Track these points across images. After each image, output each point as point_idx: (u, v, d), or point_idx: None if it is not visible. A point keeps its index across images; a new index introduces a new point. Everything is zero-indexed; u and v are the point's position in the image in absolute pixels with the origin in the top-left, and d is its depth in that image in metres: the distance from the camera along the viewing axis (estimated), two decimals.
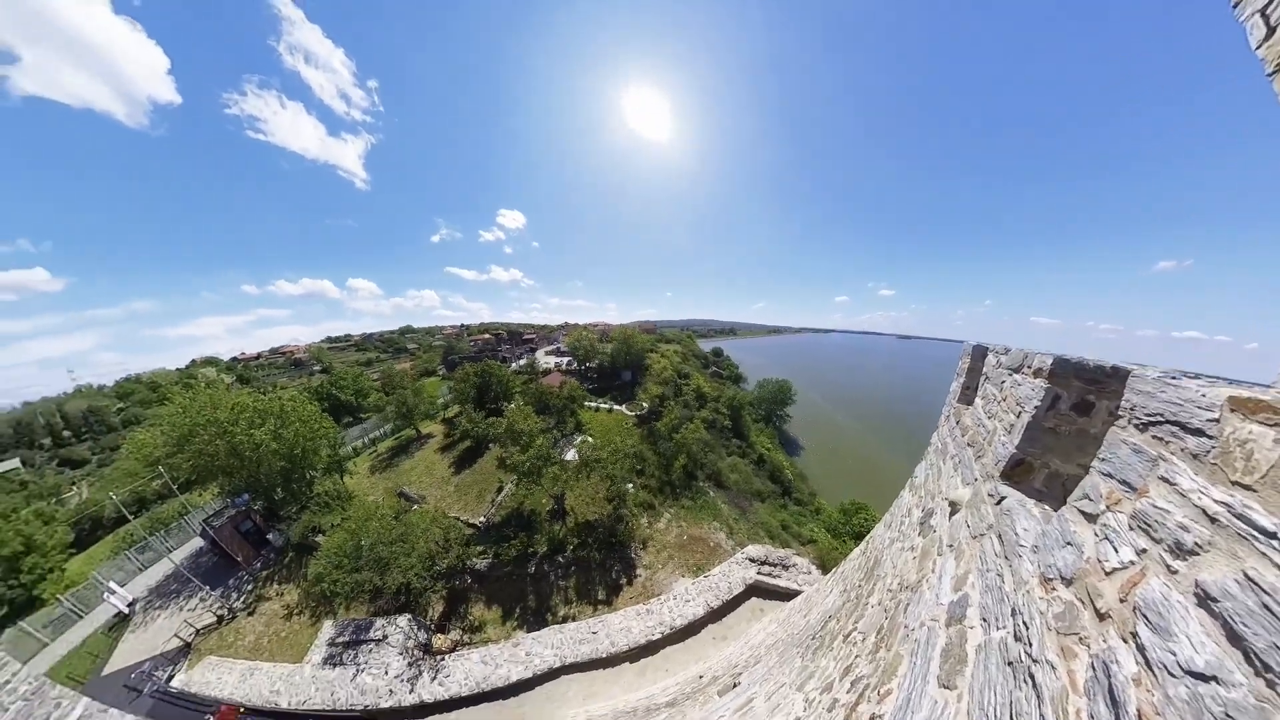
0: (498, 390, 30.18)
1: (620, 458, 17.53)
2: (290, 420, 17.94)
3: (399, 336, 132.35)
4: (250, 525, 17.35)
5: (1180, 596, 1.01)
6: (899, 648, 2.59)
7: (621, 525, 16.62)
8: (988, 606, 1.93)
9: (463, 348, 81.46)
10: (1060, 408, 2.23)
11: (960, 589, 2.27)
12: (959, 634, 2.02)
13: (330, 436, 20.36)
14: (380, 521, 13.29)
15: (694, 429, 24.42)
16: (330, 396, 36.18)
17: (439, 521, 15.30)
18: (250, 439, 15.95)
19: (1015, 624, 1.65)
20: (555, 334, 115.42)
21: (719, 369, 65.69)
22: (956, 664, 1.91)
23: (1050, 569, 1.59)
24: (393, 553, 12.26)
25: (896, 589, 3.33)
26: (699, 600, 12.18)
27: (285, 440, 17.22)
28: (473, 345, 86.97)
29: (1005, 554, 2.02)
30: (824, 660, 3.98)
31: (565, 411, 26.37)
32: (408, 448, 27.00)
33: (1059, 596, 1.48)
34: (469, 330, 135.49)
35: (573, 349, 46.21)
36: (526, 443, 17.45)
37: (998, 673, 1.61)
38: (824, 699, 3.29)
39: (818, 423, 61.40)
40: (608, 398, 35.69)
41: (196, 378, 59.12)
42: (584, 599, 14.41)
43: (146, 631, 13.29)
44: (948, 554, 2.70)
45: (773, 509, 25.46)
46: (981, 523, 2.44)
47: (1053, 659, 1.35)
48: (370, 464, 25.36)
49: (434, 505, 19.59)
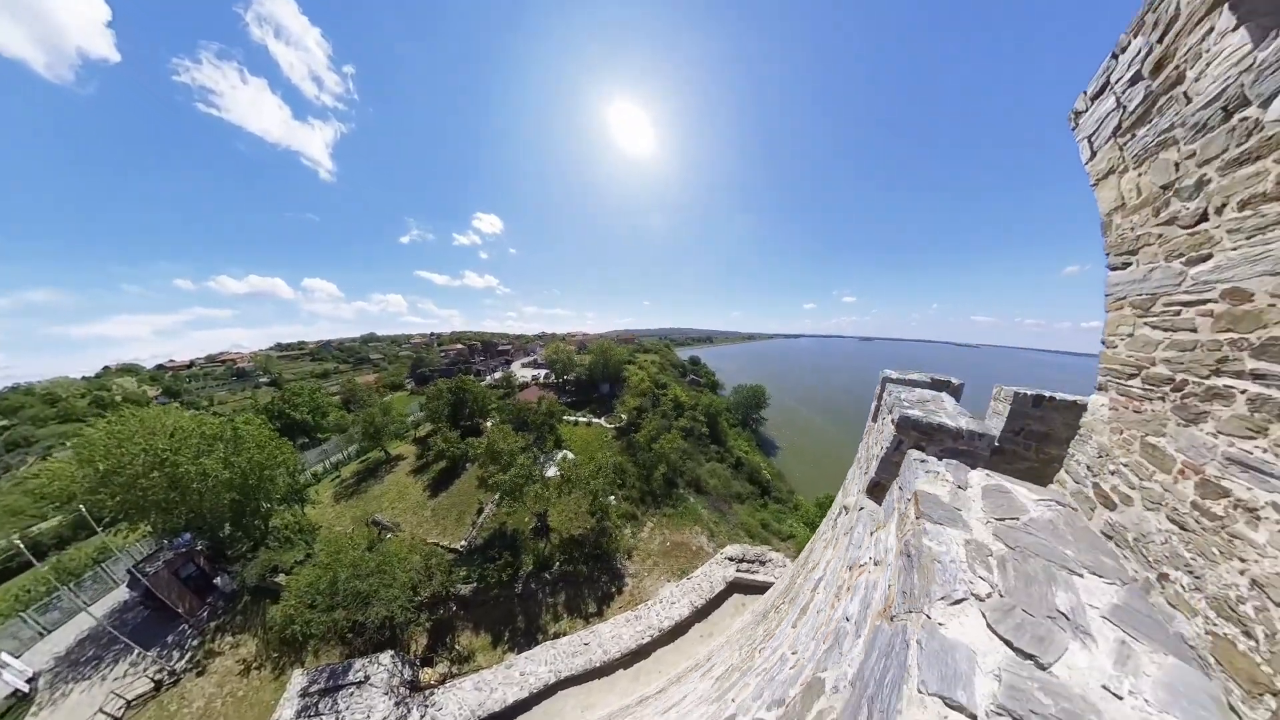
0: (473, 407, 29.38)
1: (601, 472, 17.67)
2: (244, 446, 16.22)
3: (361, 345, 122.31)
4: (193, 569, 15.27)
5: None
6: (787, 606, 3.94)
7: (606, 538, 16.73)
8: (828, 580, 3.14)
9: (433, 359, 76.51)
10: (902, 449, 3.26)
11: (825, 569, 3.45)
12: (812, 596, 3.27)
13: (289, 463, 18.55)
14: (355, 553, 12.60)
15: (671, 439, 25.02)
16: (283, 415, 32.41)
17: (418, 549, 14.72)
18: (198, 469, 14.20)
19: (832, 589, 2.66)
20: (532, 345, 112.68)
21: (696, 377, 67.29)
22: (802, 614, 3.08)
23: (852, 559, 2.72)
24: (372, 585, 11.68)
25: (809, 569, 4.57)
26: (684, 602, 12.59)
27: (237, 469, 15.36)
28: (444, 356, 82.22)
29: (848, 546, 3.18)
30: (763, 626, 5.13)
31: (544, 428, 26.14)
32: (376, 471, 25.54)
33: (850, 576, 2.52)
34: (440, 339, 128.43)
35: (550, 362, 45.83)
36: (508, 462, 17.22)
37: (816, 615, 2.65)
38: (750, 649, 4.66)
39: (792, 423, 64.13)
40: (586, 410, 35.63)
41: (110, 389, 49.69)
42: (574, 613, 14.36)
43: (57, 712, 10.98)
44: (830, 544, 3.88)
45: (752, 509, 26.39)
46: (848, 523, 3.59)
47: (833, 601, 2.38)
48: (334, 491, 23.75)
49: (410, 533, 18.73)
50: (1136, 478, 2.12)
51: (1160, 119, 2.03)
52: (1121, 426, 2.33)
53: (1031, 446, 5.03)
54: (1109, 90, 2.37)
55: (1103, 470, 2.43)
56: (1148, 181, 2.15)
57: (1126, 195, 2.32)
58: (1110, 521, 2.25)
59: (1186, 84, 1.87)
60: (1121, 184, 2.35)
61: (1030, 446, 5.04)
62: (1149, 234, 2.17)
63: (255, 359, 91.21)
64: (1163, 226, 2.07)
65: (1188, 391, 1.87)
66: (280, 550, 16.09)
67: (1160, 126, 2.04)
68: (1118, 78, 2.30)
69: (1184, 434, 1.85)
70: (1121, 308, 2.43)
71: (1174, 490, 1.84)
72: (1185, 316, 1.93)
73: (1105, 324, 2.64)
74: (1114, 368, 2.48)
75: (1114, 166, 2.39)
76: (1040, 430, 4.96)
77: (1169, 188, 2.01)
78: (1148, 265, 2.20)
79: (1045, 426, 4.92)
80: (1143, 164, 2.17)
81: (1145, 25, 2.07)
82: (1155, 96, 2.04)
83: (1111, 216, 2.48)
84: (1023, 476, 5.39)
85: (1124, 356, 2.39)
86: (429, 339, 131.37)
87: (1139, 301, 2.27)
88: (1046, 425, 4.91)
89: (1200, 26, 1.80)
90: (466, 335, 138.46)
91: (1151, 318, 2.17)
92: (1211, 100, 1.73)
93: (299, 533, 17.26)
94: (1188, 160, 1.88)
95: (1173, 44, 1.92)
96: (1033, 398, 4.94)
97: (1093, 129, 2.53)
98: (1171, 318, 2.02)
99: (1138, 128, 2.18)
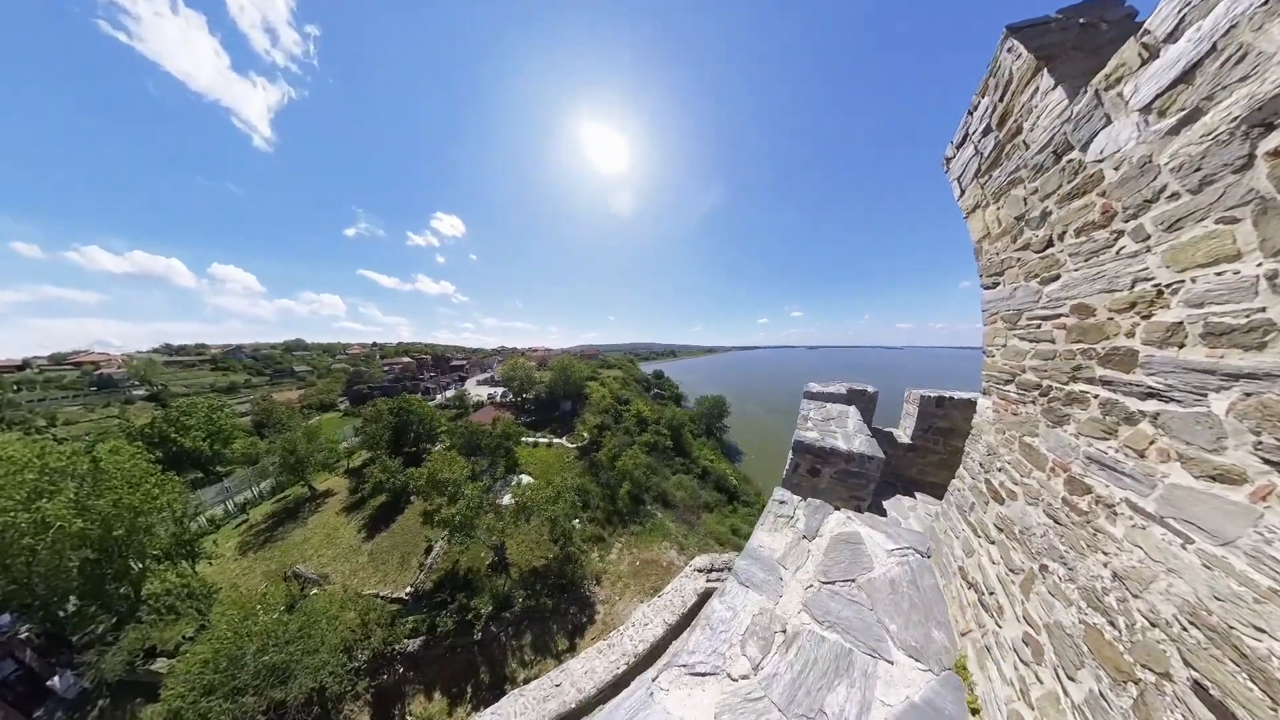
0: (419, 430, 26.82)
1: (561, 497, 16.65)
2: (108, 484, 12.41)
3: (284, 354, 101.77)
4: (16, 668, 11.47)
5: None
6: None
7: (571, 565, 15.86)
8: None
9: (374, 373, 67.85)
10: (800, 471, 3.87)
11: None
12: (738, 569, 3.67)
13: (175, 505, 14.73)
14: (268, 617, 10.60)
15: (633, 455, 24.74)
16: (168, 441, 25.88)
17: (352, 603, 12.82)
18: (32, 518, 10.53)
19: None
20: (490, 359, 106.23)
21: (661, 391, 67.90)
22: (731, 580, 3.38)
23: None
24: (293, 654, 9.86)
25: None
26: (657, 621, 12.18)
27: (96, 516, 11.69)
28: (387, 371, 73.13)
29: None
30: None
31: (499, 451, 24.56)
32: (298, 511, 22.11)
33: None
34: (384, 350, 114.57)
35: (508, 379, 43.71)
36: (454, 492, 15.81)
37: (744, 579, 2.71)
38: None
39: (752, 427, 66.64)
40: (547, 430, 34.27)
41: None
42: (543, 653, 13.26)
43: None
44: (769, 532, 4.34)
45: (721, 516, 26.68)
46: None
47: None
48: (240, 539, 20.13)
49: (342, 584, 16.38)
50: (1018, 474, 2.33)
51: (1009, 162, 2.36)
52: (1004, 427, 2.57)
53: (939, 441, 5.65)
54: (969, 140, 2.75)
55: (991, 467, 2.66)
56: (1005, 214, 2.47)
57: (990, 226, 2.66)
58: (1000, 515, 2.45)
59: (1025, 133, 2.20)
60: (985, 216, 2.70)
61: (938, 441, 5.66)
62: (1010, 258, 2.48)
63: (130, 364, 65.19)
64: (1020, 251, 2.37)
65: (1052, 396, 2.08)
66: (160, 625, 12.85)
67: (1009, 169, 2.36)
68: (974, 129, 2.67)
69: (1052, 434, 2.06)
70: (995, 321, 2.72)
71: (1048, 487, 2.04)
72: (1045, 329, 2.17)
73: (984, 335, 2.94)
74: (993, 374, 2.75)
75: (979, 202, 2.74)
76: (945, 426, 5.59)
77: (1021, 219, 2.31)
78: (1012, 285, 2.49)
79: (949, 423, 5.55)
80: (1000, 199, 2.50)
81: (989, 87, 2.43)
82: (1002, 144, 2.39)
83: (981, 244, 2.83)
84: (934, 468, 6.00)
85: (1000, 364, 2.66)
86: (370, 349, 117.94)
87: (1008, 316, 2.55)
88: (949, 421, 5.54)
89: (1029, 87, 2.12)
90: (416, 347, 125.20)
91: (1019, 330, 2.44)
92: (1044, 146, 2.03)
93: (188, 599, 13.90)
94: (1033, 195, 2.18)
95: (1010, 101, 2.26)
96: (935, 399, 5.58)
97: (960, 171, 2.92)
98: (1034, 330, 2.27)
99: (993, 170, 2.53)
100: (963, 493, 3.01)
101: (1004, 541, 2.33)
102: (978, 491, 2.78)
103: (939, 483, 5.47)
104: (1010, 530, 2.29)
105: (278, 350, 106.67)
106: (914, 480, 5.58)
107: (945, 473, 5.48)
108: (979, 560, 2.53)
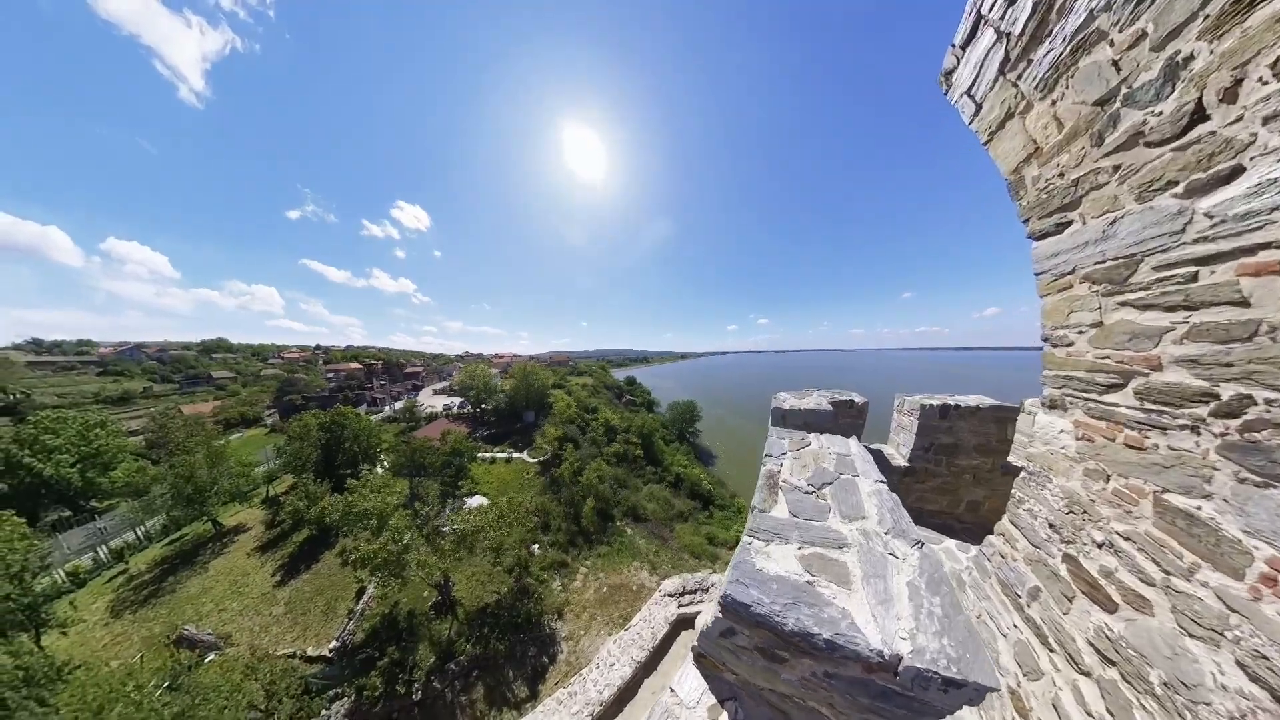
0: (354, 448, 23.60)
1: (505, 519, 14.62)
2: None
3: (199, 356, 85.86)
4: None
5: None
6: None
7: (528, 598, 14.15)
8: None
9: (313, 382, 58.87)
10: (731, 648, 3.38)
11: None
12: None
13: (12, 559, 11.53)
14: (144, 698, 8.22)
15: (597, 467, 23.38)
16: (17, 467, 20.32)
17: (259, 669, 10.52)
18: None
19: None
20: (450, 367, 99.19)
21: (633, 398, 66.71)
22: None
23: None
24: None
25: None
26: (624, 659, 10.94)
27: None
28: (329, 379, 64.45)
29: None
30: None
31: (448, 470, 22.11)
32: (196, 554, 18.35)
33: None
34: (329, 355, 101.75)
35: (465, 388, 40.52)
36: (376, 525, 13.61)
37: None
38: None
39: (723, 430, 67.23)
40: (506, 445, 31.88)
41: None
42: (500, 704, 11.47)
43: None
44: None
45: (695, 525, 25.88)
46: None
47: None
48: (115, 596, 16.24)
49: (249, 644, 13.51)
50: (1158, 563, 1.42)
51: (1067, 19, 1.50)
52: (1108, 470, 1.64)
53: (942, 461, 4.84)
54: (983, 25, 1.87)
55: (1079, 536, 1.72)
56: (1070, 106, 1.61)
57: (1040, 135, 1.78)
58: (1106, 630, 1.52)
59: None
60: (1028, 124, 1.82)
61: (940, 461, 4.86)
62: (1093, 172, 1.59)
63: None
64: (1116, 155, 1.48)
65: (1253, 422, 1.17)
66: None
67: (1071, 27, 1.50)
68: (989, 6, 1.82)
69: (1258, 501, 1.16)
70: (1070, 285, 1.79)
71: (1250, 610, 1.13)
72: (1212, 281, 1.27)
73: (1044, 313, 1.96)
74: (1075, 375, 1.81)
75: (1011, 108, 1.87)
76: (948, 442, 4.79)
77: (1112, 98, 1.45)
78: (1107, 216, 1.58)
79: (952, 438, 4.77)
80: (1054, 87, 1.65)
81: None
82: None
83: (1021, 171, 1.93)
84: (935, 494, 5.11)
85: (1091, 358, 1.72)
86: (313, 353, 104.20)
87: (1103, 273, 1.63)
88: (953, 436, 4.76)
89: None
90: (367, 352, 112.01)
91: (1133, 293, 1.52)
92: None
93: (24, 686, 10.66)
94: (1136, 46, 1.32)
95: None
96: (939, 408, 4.77)
97: (971, 79, 2.04)
98: (1178, 287, 1.36)
99: (1033, 49, 1.67)
100: (1013, 564, 2.13)
101: (1117, 684, 1.44)
102: (1048, 574, 1.87)
103: (941, 511, 4.71)
104: (1134, 668, 1.41)
105: (192, 351, 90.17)
106: (910, 510, 4.84)
107: (946, 498, 4.75)
108: (1054, 694, 1.64)
